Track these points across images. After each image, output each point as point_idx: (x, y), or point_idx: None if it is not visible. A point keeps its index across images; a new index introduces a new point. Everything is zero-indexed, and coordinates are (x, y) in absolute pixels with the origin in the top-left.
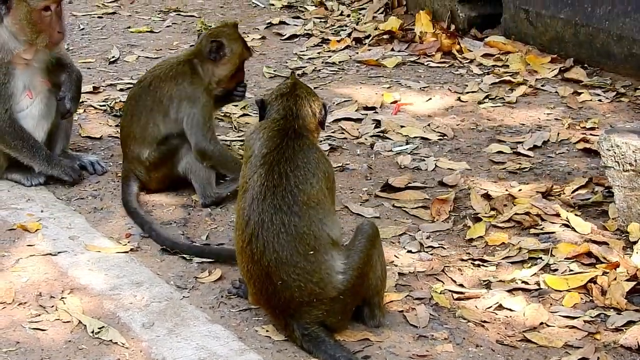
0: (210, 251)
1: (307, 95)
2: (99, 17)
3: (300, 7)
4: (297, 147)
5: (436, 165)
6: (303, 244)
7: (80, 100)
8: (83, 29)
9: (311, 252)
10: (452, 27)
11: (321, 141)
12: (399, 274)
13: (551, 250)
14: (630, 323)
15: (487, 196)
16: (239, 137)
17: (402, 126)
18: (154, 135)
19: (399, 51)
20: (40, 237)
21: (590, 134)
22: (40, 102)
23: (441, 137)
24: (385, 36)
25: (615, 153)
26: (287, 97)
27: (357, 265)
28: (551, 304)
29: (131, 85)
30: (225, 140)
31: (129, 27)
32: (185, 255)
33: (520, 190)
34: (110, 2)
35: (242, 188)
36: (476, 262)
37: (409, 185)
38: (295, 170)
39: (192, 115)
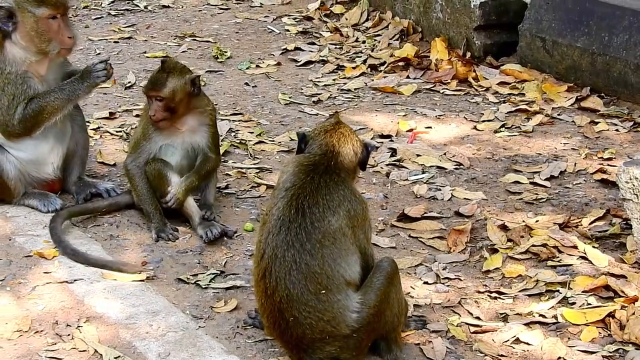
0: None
1: (350, 134)
2: (115, 41)
3: (315, 33)
4: (322, 183)
5: (452, 195)
6: (314, 283)
7: (97, 126)
8: (99, 53)
9: (323, 292)
10: (468, 54)
11: None
12: (415, 305)
13: (569, 283)
14: None
15: (503, 227)
16: (254, 164)
17: (418, 155)
18: None
19: (414, 78)
20: (57, 265)
21: (608, 165)
22: (55, 126)
23: (457, 167)
24: (400, 63)
25: (634, 185)
26: (331, 134)
27: (374, 304)
28: (569, 338)
29: None
30: (241, 168)
31: (145, 52)
32: (201, 284)
33: (537, 221)
34: (126, 26)
35: (262, 220)
36: (493, 295)
37: (425, 215)
38: (313, 207)
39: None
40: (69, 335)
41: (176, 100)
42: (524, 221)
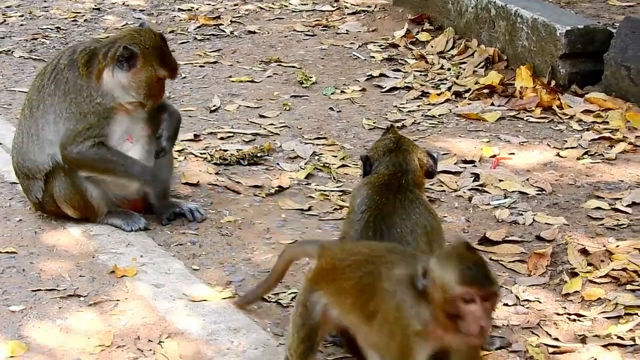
0: None
1: (413, 148)
2: (200, 65)
3: (401, 60)
4: (397, 202)
5: (534, 220)
6: None
7: (181, 148)
8: (185, 77)
9: None
10: (553, 82)
11: None
12: (494, 326)
13: None
14: None
15: (584, 251)
16: (337, 187)
17: (500, 180)
18: None
19: (498, 106)
20: (139, 282)
21: None
22: (141, 147)
23: (539, 192)
24: (485, 90)
25: None
26: (396, 153)
27: None
28: None
29: (231, 135)
30: (324, 191)
31: (230, 77)
32: (282, 303)
33: (617, 246)
34: (212, 51)
35: None
36: (572, 317)
37: (507, 239)
38: (391, 228)
39: None
40: (150, 350)
41: None
42: (604, 246)
